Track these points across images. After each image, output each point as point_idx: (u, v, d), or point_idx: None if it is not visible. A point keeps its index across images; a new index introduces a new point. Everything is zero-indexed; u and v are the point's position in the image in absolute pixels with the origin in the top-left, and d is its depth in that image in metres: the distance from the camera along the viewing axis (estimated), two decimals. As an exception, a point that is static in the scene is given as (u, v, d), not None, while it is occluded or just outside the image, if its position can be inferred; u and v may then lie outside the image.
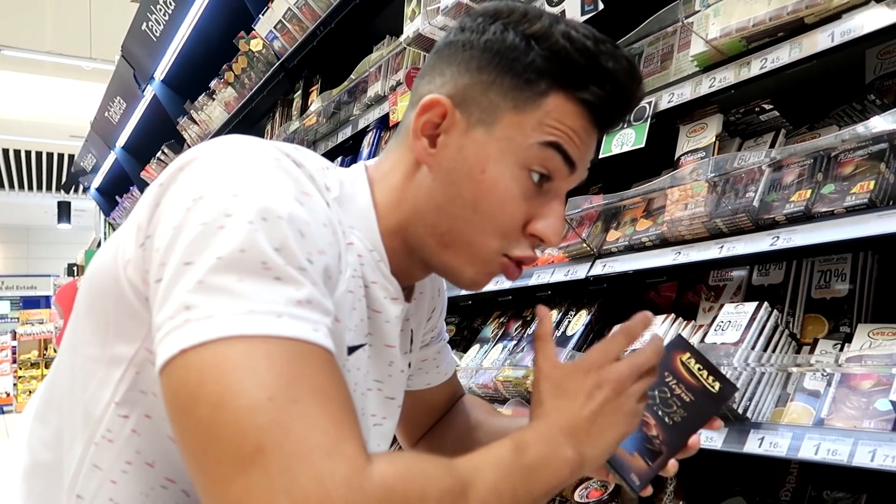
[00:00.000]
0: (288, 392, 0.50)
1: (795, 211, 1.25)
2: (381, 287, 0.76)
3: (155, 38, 3.81)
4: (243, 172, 0.59)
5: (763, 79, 1.32)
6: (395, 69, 2.42)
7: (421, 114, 0.73)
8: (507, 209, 0.71)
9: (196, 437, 0.51)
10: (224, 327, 0.51)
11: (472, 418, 1.07)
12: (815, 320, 1.37)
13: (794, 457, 1.12)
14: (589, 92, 0.71)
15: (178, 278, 0.54)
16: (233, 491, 0.48)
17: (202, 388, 0.50)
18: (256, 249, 0.54)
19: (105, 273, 0.64)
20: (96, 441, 0.65)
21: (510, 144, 0.70)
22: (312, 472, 0.48)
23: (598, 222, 1.72)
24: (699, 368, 0.84)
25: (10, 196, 14.26)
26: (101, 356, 0.64)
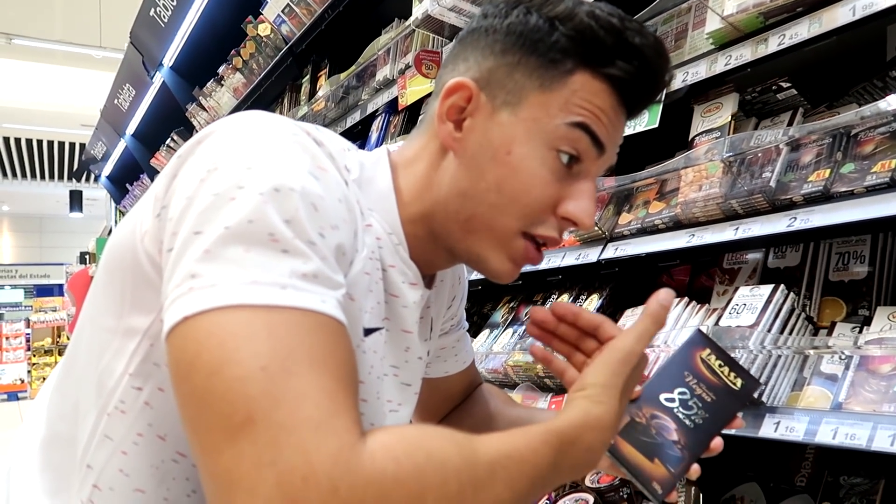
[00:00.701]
0: (283, 363, 0.49)
1: (813, 191, 1.22)
2: (400, 271, 0.75)
3: (163, 23, 3.79)
4: (259, 146, 0.58)
5: (781, 56, 1.29)
6: (403, 52, 2.39)
7: (446, 97, 0.72)
8: (535, 191, 0.70)
9: (192, 405, 0.50)
10: (226, 296, 0.50)
11: (491, 407, 1.06)
12: (832, 303, 1.35)
13: (810, 441, 1.10)
14: (616, 67, 0.69)
15: (186, 247, 0.54)
16: (222, 461, 0.48)
17: (199, 356, 0.50)
18: (265, 221, 0.53)
19: (123, 245, 0.64)
20: (109, 412, 0.65)
21: (536, 125, 0.69)
22: (299, 446, 0.47)
23: (610, 205, 1.69)
24: (720, 365, 0.82)
25: (23, 185, 14.35)
26: (117, 327, 0.64)
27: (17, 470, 0.73)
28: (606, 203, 1.70)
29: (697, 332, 0.86)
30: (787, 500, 1.36)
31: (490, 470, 0.55)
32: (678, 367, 0.82)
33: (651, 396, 0.79)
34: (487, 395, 1.10)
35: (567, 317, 0.80)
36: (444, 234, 0.75)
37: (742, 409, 0.82)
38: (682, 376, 0.81)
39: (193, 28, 3.63)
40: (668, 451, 0.77)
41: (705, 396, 0.80)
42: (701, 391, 0.80)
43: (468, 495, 0.52)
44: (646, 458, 0.76)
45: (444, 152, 0.74)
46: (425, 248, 0.77)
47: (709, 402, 0.80)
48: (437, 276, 0.88)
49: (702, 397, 0.80)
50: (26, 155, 12.51)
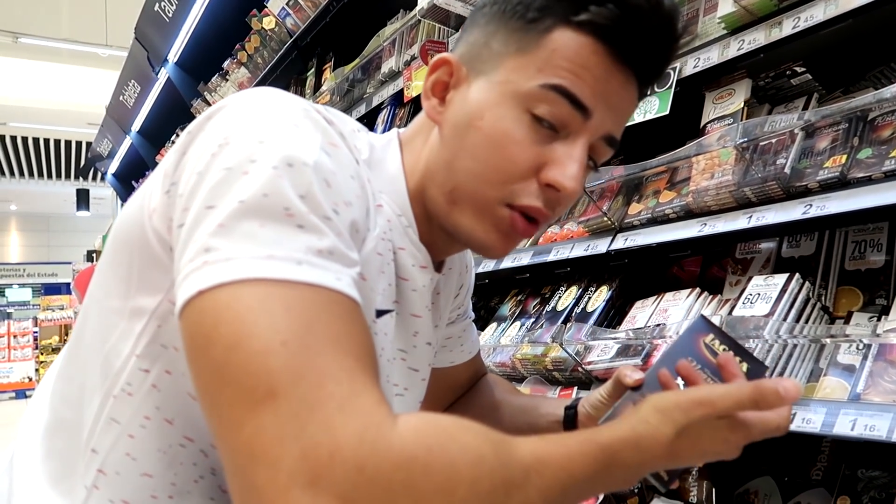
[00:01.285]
0: (303, 338, 0.48)
1: (830, 177, 1.19)
2: (410, 254, 0.74)
3: (167, 18, 3.78)
4: (270, 120, 0.57)
5: (795, 40, 1.26)
6: (409, 43, 2.36)
7: (430, 74, 0.73)
8: (509, 153, 0.67)
9: (210, 379, 0.49)
10: (242, 270, 0.49)
11: (495, 397, 1.05)
12: (849, 293, 1.31)
13: (828, 433, 1.07)
14: (588, 13, 0.64)
15: (199, 222, 0.53)
16: (244, 433, 0.46)
17: (217, 330, 0.48)
18: (279, 195, 0.52)
19: (131, 223, 0.63)
20: (115, 394, 0.63)
21: (509, 87, 0.67)
22: (323, 422, 0.46)
23: (620, 195, 1.66)
24: (724, 350, 0.78)
25: (31, 184, 14.41)
26: (124, 308, 0.63)
27: (19, 459, 0.71)
28: (616, 193, 1.67)
29: (700, 317, 0.83)
30: (802, 495, 1.33)
31: (525, 474, 0.52)
32: (681, 354, 0.79)
33: (654, 383, 0.76)
34: (492, 384, 1.09)
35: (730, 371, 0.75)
36: (434, 209, 0.74)
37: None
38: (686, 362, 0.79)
39: (198, 23, 3.62)
40: None
41: (710, 382, 0.76)
42: (706, 377, 0.78)
43: (499, 497, 0.50)
44: None
45: (432, 127, 0.74)
46: (426, 228, 0.76)
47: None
48: (447, 262, 0.87)
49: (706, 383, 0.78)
50: (33, 154, 12.55)
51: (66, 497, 0.65)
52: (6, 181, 14.12)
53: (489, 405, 1.04)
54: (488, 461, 0.50)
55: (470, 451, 0.49)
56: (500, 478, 0.50)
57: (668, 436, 0.62)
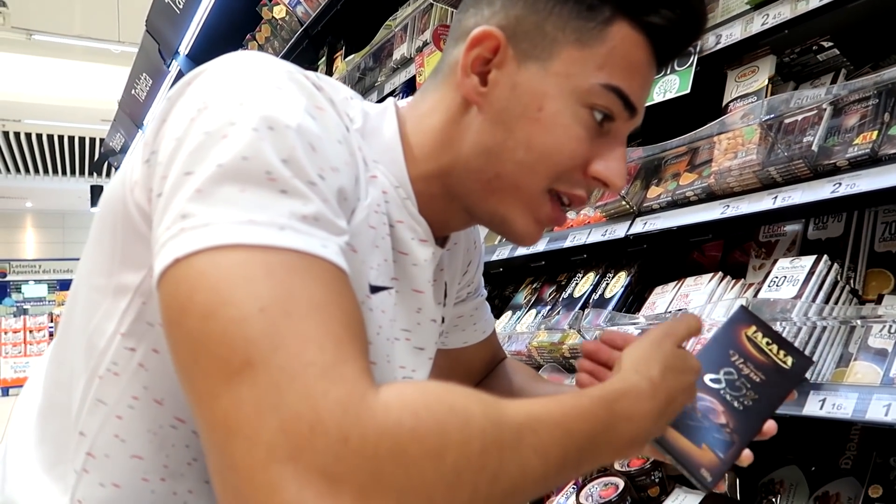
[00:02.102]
0: (283, 305, 0.45)
1: (860, 154, 1.14)
2: (408, 227, 0.70)
3: (178, 10, 3.76)
4: (252, 83, 0.54)
5: (822, 14, 1.21)
6: (421, 29, 2.33)
7: (471, 48, 0.66)
8: (567, 149, 0.66)
9: (186, 349, 0.46)
10: (220, 235, 0.46)
11: (515, 383, 1.01)
12: (879, 275, 1.27)
13: (860, 419, 1.03)
14: (659, 15, 0.65)
15: (177, 189, 0.49)
16: (220, 405, 0.43)
17: (192, 298, 0.45)
18: (260, 158, 0.49)
19: (114, 198, 0.60)
20: (101, 374, 0.60)
21: (570, 81, 0.65)
22: (303, 391, 0.42)
23: (638, 178, 1.62)
24: (767, 343, 0.76)
25: (45, 181, 14.52)
26: (107, 286, 0.60)
27: (13, 445, 0.69)
28: (634, 176, 1.63)
29: (741, 308, 0.80)
30: (830, 484, 1.29)
31: (517, 432, 0.49)
32: (722, 347, 0.76)
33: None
34: (511, 370, 1.05)
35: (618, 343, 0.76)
36: (463, 193, 0.70)
37: (793, 390, 0.77)
38: (728, 356, 0.76)
39: (208, 14, 3.59)
40: (716, 436, 0.71)
41: (753, 377, 0.74)
42: (749, 371, 0.75)
43: (492, 458, 0.47)
44: (692, 444, 0.70)
45: (467, 107, 0.69)
46: (440, 206, 0.72)
47: (758, 383, 0.74)
48: (451, 237, 0.83)
49: (750, 377, 0.75)
50: (48, 151, 12.64)
51: (59, 482, 0.63)
52: (21, 178, 14.23)
53: (509, 392, 1.00)
54: (478, 421, 0.47)
55: (458, 412, 0.47)
56: (492, 437, 0.47)
57: (657, 375, 0.64)
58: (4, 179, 14.19)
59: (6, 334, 10.45)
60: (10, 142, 11.96)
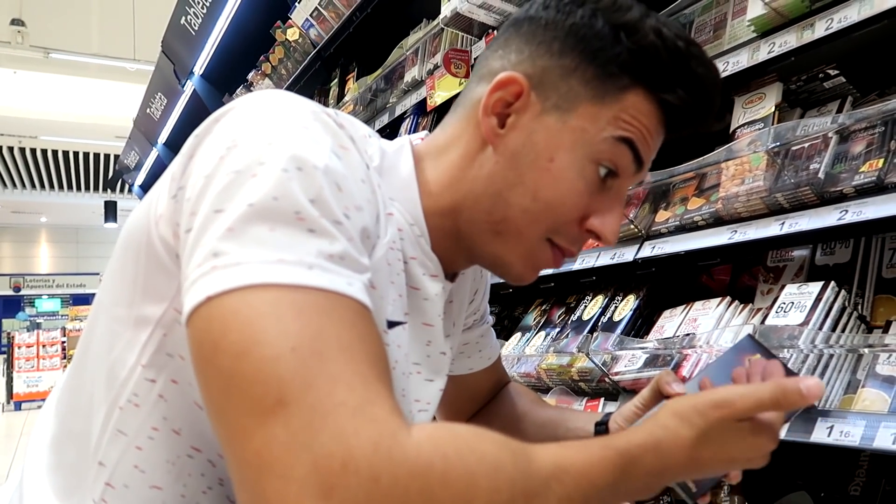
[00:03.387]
0: (313, 344, 0.46)
1: (866, 182, 1.15)
2: (420, 263, 0.72)
3: (193, 31, 3.83)
4: (279, 122, 0.56)
5: (828, 42, 1.23)
6: (432, 52, 2.36)
7: (495, 90, 0.69)
8: (569, 202, 0.69)
9: (218, 387, 0.47)
10: (252, 275, 0.48)
11: (519, 407, 1.03)
12: (886, 301, 1.27)
13: (868, 447, 1.03)
14: (675, 95, 0.68)
15: (207, 226, 0.51)
16: (253, 444, 0.45)
17: (225, 337, 0.47)
18: (290, 198, 0.51)
19: (137, 229, 0.62)
20: (121, 405, 0.62)
21: (583, 136, 0.67)
22: (335, 430, 0.44)
23: (647, 203, 1.63)
24: None
25: (60, 196, 14.69)
26: (129, 316, 0.61)
27: (28, 472, 0.70)
28: (643, 201, 1.64)
29: (748, 337, 0.81)
30: (839, 511, 1.29)
31: (545, 483, 0.51)
32: (725, 370, 0.77)
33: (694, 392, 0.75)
34: (515, 394, 1.06)
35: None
36: (468, 231, 0.73)
37: (792, 417, 0.77)
38: (729, 380, 0.77)
39: (223, 35, 3.66)
40: None
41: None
42: None
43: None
44: None
45: (483, 145, 0.71)
46: (448, 243, 0.74)
47: None
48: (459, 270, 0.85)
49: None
50: (63, 167, 12.80)
51: None
52: (36, 194, 14.41)
53: (513, 416, 1.02)
54: (507, 470, 0.49)
55: (488, 460, 0.48)
56: (520, 487, 0.49)
57: (688, 439, 0.61)
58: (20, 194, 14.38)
59: (19, 349, 10.51)
60: (26, 158, 12.13)
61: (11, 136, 10.85)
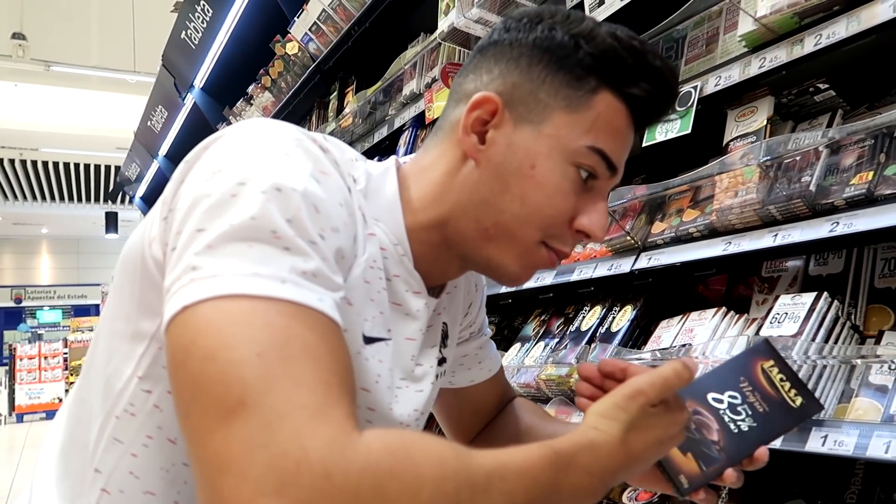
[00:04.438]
0: (280, 350, 0.49)
1: (856, 194, 1.17)
2: (403, 280, 0.76)
3: (194, 45, 3.86)
4: (263, 149, 0.60)
5: (817, 57, 1.25)
6: (430, 66, 2.39)
7: (472, 110, 0.73)
8: (556, 203, 0.72)
9: (185, 389, 0.50)
10: (226, 286, 0.51)
11: (524, 422, 1.04)
12: (879, 311, 1.29)
13: (861, 456, 1.05)
14: (638, 88, 0.72)
15: (189, 244, 0.54)
16: (213, 443, 0.47)
17: (196, 342, 0.50)
18: (267, 218, 0.54)
19: (134, 249, 0.66)
20: (117, 414, 0.65)
21: (560, 142, 0.71)
22: (293, 430, 0.46)
23: (643, 214, 1.65)
24: (781, 379, 0.78)
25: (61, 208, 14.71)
26: (126, 331, 0.66)
27: (38, 480, 0.74)
28: (639, 212, 1.66)
29: (764, 341, 0.83)
30: (836, 518, 1.30)
31: (487, 478, 0.54)
32: (734, 372, 0.79)
33: (697, 393, 0.77)
34: (520, 409, 1.07)
35: (615, 374, 0.78)
36: (459, 240, 0.76)
37: (794, 427, 0.79)
38: (737, 381, 0.79)
39: (223, 49, 3.70)
40: (704, 449, 0.75)
41: (758, 406, 0.77)
42: (754, 399, 0.78)
43: (464, 498, 0.51)
44: (678, 450, 0.74)
45: (465, 160, 0.75)
46: (437, 255, 0.78)
47: (760, 412, 0.77)
48: (450, 283, 0.88)
49: (753, 406, 0.77)
50: (64, 178, 12.83)
51: None
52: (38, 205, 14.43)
53: (518, 431, 1.03)
54: (451, 463, 0.51)
55: (432, 454, 0.51)
56: (465, 479, 0.51)
57: (617, 435, 0.65)
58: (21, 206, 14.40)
59: (21, 361, 10.52)
60: (27, 170, 12.16)
61: (13, 149, 10.88)
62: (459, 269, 0.82)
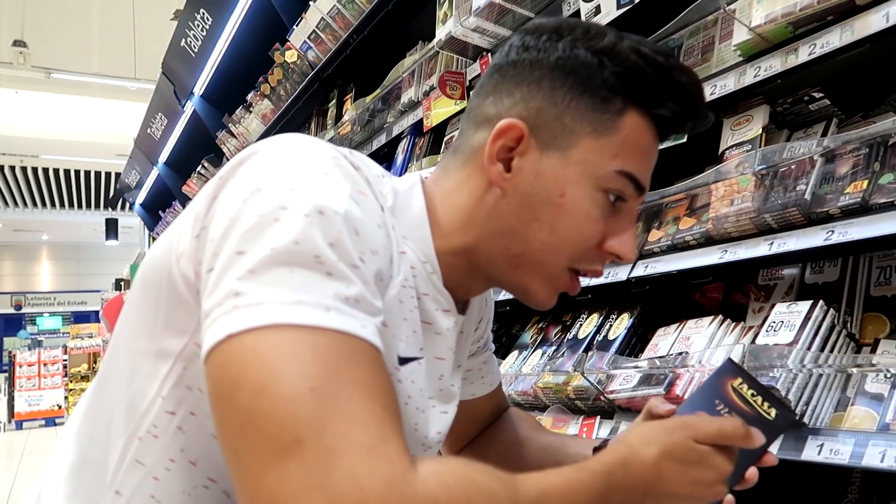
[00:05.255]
0: (331, 385, 0.49)
1: (851, 203, 1.18)
2: (433, 299, 0.75)
3: (193, 53, 3.88)
4: (302, 168, 0.58)
5: (812, 66, 1.26)
6: (428, 74, 2.40)
7: (496, 138, 0.71)
8: (587, 230, 0.71)
9: (235, 424, 0.49)
10: (271, 315, 0.50)
11: (520, 433, 1.05)
12: (875, 319, 1.29)
13: (857, 465, 1.05)
14: (666, 108, 0.71)
15: (229, 267, 0.53)
16: (267, 482, 0.46)
17: (244, 375, 0.49)
18: (310, 243, 0.53)
19: (159, 264, 0.64)
20: (140, 436, 0.64)
21: (588, 168, 0.70)
22: (349, 470, 0.46)
23: (639, 222, 1.65)
24: (752, 394, 0.79)
25: (61, 215, 14.74)
26: (149, 350, 0.64)
27: (45, 497, 0.72)
28: (635, 220, 1.66)
29: (728, 360, 0.83)
30: (833, 527, 1.30)
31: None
32: (707, 397, 0.80)
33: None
34: (515, 420, 1.08)
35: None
36: (488, 266, 0.76)
37: (775, 440, 0.80)
38: (713, 405, 0.79)
39: (223, 57, 3.71)
40: None
41: None
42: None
43: None
44: None
45: (489, 187, 0.73)
46: (464, 277, 0.77)
47: None
48: (471, 301, 0.88)
49: None
50: (64, 185, 12.86)
51: None
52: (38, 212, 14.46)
53: (514, 442, 1.03)
54: (500, 498, 0.52)
55: (483, 489, 0.51)
56: None
57: (652, 455, 0.66)
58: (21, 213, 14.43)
59: (21, 367, 10.50)
60: (27, 176, 12.19)
61: (13, 156, 10.91)
62: (485, 287, 0.82)
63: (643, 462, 0.65)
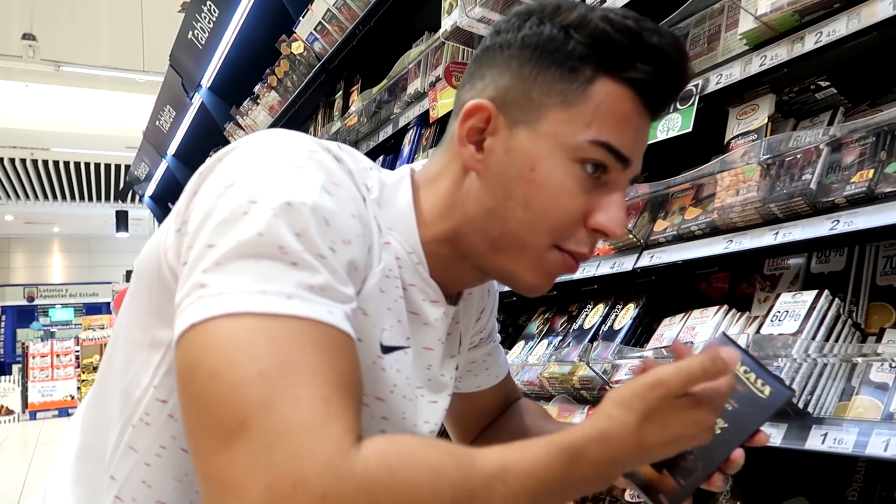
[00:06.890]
0: (281, 369, 0.50)
1: (857, 192, 1.17)
2: (420, 290, 0.75)
3: (200, 45, 3.89)
4: (275, 162, 0.60)
5: (818, 54, 1.25)
6: (434, 65, 2.40)
7: (465, 120, 0.71)
8: (562, 204, 0.69)
9: (192, 408, 0.52)
10: (233, 304, 0.52)
11: (525, 423, 1.04)
12: (880, 309, 1.29)
13: (860, 454, 1.05)
14: (637, 70, 0.68)
15: (199, 260, 0.55)
16: (217, 464, 0.48)
17: (202, 360, 0.51)
18: (275, 234, 0.54)
19: (150, 258, 0.66)
20: (133, 423, 0.66)
21: (559, 140, 0.68)
22: (291, 451, 0.47)
23: (645, 212, 1.65)
24: (745, 371, 0.75)
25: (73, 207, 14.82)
26: (143, 340, 0.66)
27: (52, 485, 0.75)
28: (641, 210, 1.66)
29: (722, 335, 0.80)
30: (837, 516, 1.30)
31: (487, 484, 0.54)
32: None
33: None
34: (523, 410, 1.07)
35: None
36: (471, 253, 0.75)
37: (768, 419, 0.74)
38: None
39: (230, 49, 3.72)
40: (678, 462, 0.71)
41: (726, 404, 0.72)
42: None
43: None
44: (652, 468, 0.72)
45: (466, 172, 0.73)
46: (451, 266, 0.77)
47: (730, 411, 0.72)
48: (464, 291, 0.87)
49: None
50: (75, 178, 12.92)
51: None
52: (49, 204, 14.55)
53: (518, 432, 1.03)
54: (449, 475, 0.52)
55: (430, 466, 0.51)
56: (463, 490, 0.52)
57: (632, 424, 0.62)
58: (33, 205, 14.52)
59: (34, 359, 10.61)
60: (38, 169, 12.25)
61: (24, 149, 10.97)
62: (477, 278, 0.81)
63: (625, 433, 0.62)
